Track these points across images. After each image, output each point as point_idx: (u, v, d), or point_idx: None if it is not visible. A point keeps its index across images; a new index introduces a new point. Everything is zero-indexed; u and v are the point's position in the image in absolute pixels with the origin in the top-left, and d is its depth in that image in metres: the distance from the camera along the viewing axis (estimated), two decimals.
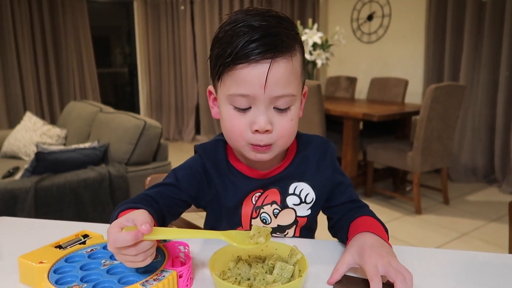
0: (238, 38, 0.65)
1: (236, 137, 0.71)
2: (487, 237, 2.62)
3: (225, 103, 0.70)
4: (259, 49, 0.64)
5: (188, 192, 0.79)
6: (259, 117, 0.68)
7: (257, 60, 0.65)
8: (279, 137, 0.71)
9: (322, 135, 3.19)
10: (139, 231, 0.55)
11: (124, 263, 0.58)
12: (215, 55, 0.70)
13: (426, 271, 0.69)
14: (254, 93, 0.66)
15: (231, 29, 0.67)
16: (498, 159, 3.59)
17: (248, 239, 0.64)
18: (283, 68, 0.67)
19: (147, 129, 2.49)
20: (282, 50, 0.66)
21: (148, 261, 0.58)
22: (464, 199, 3.34)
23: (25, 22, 4.42)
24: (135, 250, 0.55)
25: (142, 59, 5.68)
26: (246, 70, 0.65)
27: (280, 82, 0.67)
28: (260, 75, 0.65)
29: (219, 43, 0.69)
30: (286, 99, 0.69)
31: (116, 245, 0.55)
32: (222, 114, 0.73)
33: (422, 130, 2.85)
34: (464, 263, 0.72)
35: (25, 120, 3.26)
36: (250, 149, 0.72)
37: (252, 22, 0.66)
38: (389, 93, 3.96)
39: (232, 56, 0.65)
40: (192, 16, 5.51)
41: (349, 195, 0.85)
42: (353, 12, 4.88)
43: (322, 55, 3.74)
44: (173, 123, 5.79)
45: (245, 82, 0.66)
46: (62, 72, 4.81)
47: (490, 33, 3.54)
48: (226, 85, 0.69)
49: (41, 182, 2.11)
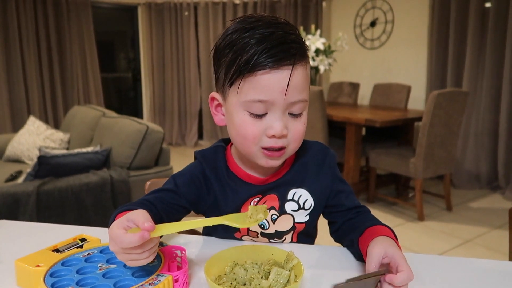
0: (254, 45, 0.66)
1: (249, 143, 0.71)
2: (491, 244, 2.60)
3: (239, 109, 0.70)
4: (279, 55, 0.65)
5: (187, 198, 0.79)
6: (276, 123, 0.69)
7: (278, 66, 0.66)
8: (293, 141, 0.72)
9: (324, 140, 3.22)
10: (144, 231, 0.55)
11: (127, 262, 0.58)
12: (226, 62, 0.70)
13: (428, 278, 0.69)
14: (274, 99, 0.67)
15: (241, 37, 0.67)
16: (502, 166, 3.57)
17: (247, 219, 0.66)
18: (301, 75, 0.69)
19: (149, 134, 2.50)
20: (300, 57, 0.68)
21: (151, 258, 0.59)
22: (467, 206, 3.32)
23: (30, 26, 4.47)
24: (141, 249, 0.56)
25: (146, 64, 5.72)
26: (267, 76, 0.66)
27: (298, 88, 0.68)
28: (281, 81, 0.66)
29: (229, 50, 0.69)
30: (301, 104, 0.70)
31: (123, 246, 0.55)
32: (234, 120, 0.72)
33: (425, 136, 2.84)
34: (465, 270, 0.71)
35: (28, 124, 3.28)
36: (262, 155, 0.72)
37: (263, 29, 0.67)
38: (392, 99, 3.95)
39: (252, 63, 0.65)
40: (196, 22, 5.55)
41: (352, 201, 0.85)
42: (356, 18, 4.89)
43: (325, 61, 3.75)
44: (176, 128, 5.80)
45: (266, 88, 0.66)
46: (66, 77, 4.85)
47: (493, 39, 3.53)
48: (243, 92, 0.68)
49: (43, 186, 2.12)
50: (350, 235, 0.77)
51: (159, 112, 5.83)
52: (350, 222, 0.82)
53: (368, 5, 4.74)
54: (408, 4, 4.31)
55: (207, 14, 5.45)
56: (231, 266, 0.65)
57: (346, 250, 0.79)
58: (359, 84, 4.43)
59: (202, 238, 0.84)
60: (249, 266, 0.65)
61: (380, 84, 4.19)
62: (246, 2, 5.37)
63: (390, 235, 0.71)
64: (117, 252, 0.57)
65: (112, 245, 0.57)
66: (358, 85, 4.41)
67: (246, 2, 5.37)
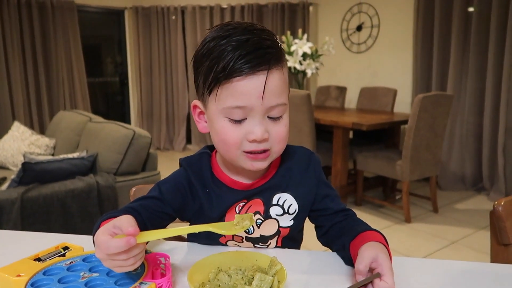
0: (230, 52, 0.67)
1: (231, 148, 0.72)
2: (476, 245, 2.64)
3: (219, 116, 0.71)
4: (254, 61, 0.67)
5: (172, 205, 0.79)
6: (256, 127, 0.70)
7: (253, 72, 0.67)
8: (276, 143, 0.73)
9: (312, 144, 3.24)
10: (131, 237, 0.55)
11: (113, 268, 0.58)
12: (204, 71, 0.71)
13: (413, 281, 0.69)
14: (251, 104, 0.68)
15: (218, 45, 0.68)
16: (486, 168, 3.64)
17: (234, 227, 0.66)
18: (277, 79, 0.70)
19: (136, 139, 2.48)
20: (275, 62, 0.70)
21: (137, 264, 0.59)
22: (453, 207, 3.37)
23: (14, 30, 4.41)
24: (126, 255, 0.56)
25: (133, 68, 5.68)
26: (243, 82, 0.67)
27: (275, 92, 0.69)
28: (258, 87, 0.67)
29: (206, 58, 0.70)
30: (280, 108, 0.71)
31: (108, 252, 0.55)
32: (215, 127, 0.73)
33: (411, 139, 2.88)
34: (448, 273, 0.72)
35: (13, 130, 3.23)
36: (246, 158, 0.73)
37: (239, 36, 0.68)
38: (378, 103, 3.99)
39: (228, 70, 0.67)
40: (183, 26, 5.54)
41: (338, 204, 0.86)
42: (343, 23, 4.94)
43: (312, 65, 3.78)
44: (164, 133, 5.77)
45: (243, 94, 0.67)
46: (52, 81, 4.79)
47: (476, 43, 3.60)
48: (221, 99, 0.69)
49: (27, 193, 2.09)
50: (341, 239, 0.77)
51: (146, 116, 5.79)
52: (338, 225, 0.83)
53: (354, 9, 4.79)
54: (394, 9, 4.37)
55: (194, 18, 5.45)
56: (215, 273, 0.65)
57: (331, 254, 0.80)
58: (346, 87, 4.47)
59: (187, 245, 0.84)
60: (233, 272, 0.65)
61: (367, 87, 4.23)
62: (233, 6, 5.38)
63: (383, 241, 0.72)
64: (103, 259, 0.57)
65: (98, 252, 0.57)
66: (345, 89, 4.44)
67: (233, 6, 5.38)
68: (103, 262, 0.58)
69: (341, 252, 0.78)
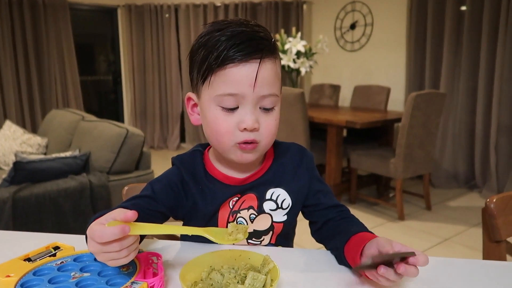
0: (224, 42, 0.69)
1: (223, 138, 0.73)
2: (469, 242, 2.66)
3: (212, 104, 0.72)
4: (247, 49, 0.68)
5: (165, 204, 0.79)
6: (247, 116, 0.71)
7: (246, 60, 0.69)
8: (265, 136, 0.74)
9: (306, 142, 3.24)
10: (125, 225, 0.55)
11: (107, 262, 0.57)
12: (199, 60, 0.73)
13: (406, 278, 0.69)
14: (243, 92, 0.69)
15: (213, 36, 0.70)
16: (478, 165, 3.66)
17: (227, 236, 0.67)
18: (270, 69, 0.71)
19: (130, 138, 2.47)
20: (268, 52, 0.71)
21: (131, 257, 0.58)
22: (446, 205, 3.39)
23: (5, 28, 4.36)
24: (119, 245, 0.56)
25: (126, 66, 5.65)
26: (236, 70, 0.69)
27: (267, 82, 0.71)
28: (250, 74, 0.69)
29: (202, 49, 0.72)
30: (271, 98, 0.72)
31: (103, 240, 0.54)
32: (207, 116, 0.74)
33: (404, 137, 2.89)
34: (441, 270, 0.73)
35: (4, 129, 3.20)
36: (237, 150, 0.73)
37: (234, 28, 0.70)
38: (372, 101, 4.01)
39: (221, 57, 0.68)
40: (176, 24, 5.51)
41: (331, 200, 0.86)
42: (336, 21, 4.95)
43: (306, 63, 3.78)
44: (158, 131, 5.75)
45: (235, 81, 0.69)
46: (44, 80, 4.75)
47: (469, 42, 3.62)
48: (214, 86, 0.71)
49: (19, 192, 2.07)
50: (335, 240, 0.77)
51: (140, 115, 5.76)
52: (332, 222, 0.83)
53: (348, 8, 4.80)
54: (387, 7, 4.38)
55: (188, 16, 5.42)
56: (208, 272, 0.65)
57: (324, 253, 0.80)
58: (340, 86, 4.48)
59: (180, 243, 0.83)
60: (226, 271, 0.65)
61: (360, 86, 4.24)
62: (227, 4, 5.37)
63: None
64: (96, 252, 0.57)
65: (92, 244, 0.57)
66: (339, 87, 4.45)
67: (227, 4, 5.37)
68: (96, 256, 0.57)
69: (334, 252, 0.77)
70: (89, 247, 0.57)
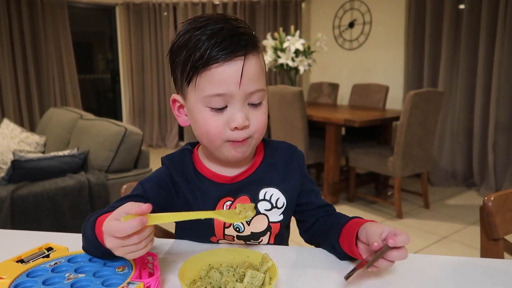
0: (206, 41, 0.67)
1: (213, 138, 0.72)
2: (467, 240, 2.67)
3: (199, 105, 0.71)
4: (230, 47, 0.67)
5: (156, 203, 0.78)
6: (237, 114, 0.70)
7: (231, 58, 0.67)
8: (256, 131, 0.74)
9: (304, 140, 3.24)
10: (143, 216, 0.56)
11: (126, 255, 0.58)
12: (181, 62, 0.71)
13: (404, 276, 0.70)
14: (231, 91, 0.68)
15: (193, 35, 0.69)
16: (476, 163, 3.67)
17: (236, 216, 0.67)
18: (254, 64, 0.70)
19: (128, 136, 2.46)
20: (251, 48, 0.70)
21: (149, 247, 0.59)
22: (444, 203, 3.40)
23: (3, 26, 4.35)
24: (138, 238, 0.57)
25: (124, 65, 5.63)
26: (221, 69, 0.68)
27: (253, 78, 0.70)
28: (235, 73, 0.68)
29: (183, 49, 0.70)
30: (259, 94, 0.72)
31: (125, 234, 0.55)
32: (196, 118, 0.73)
33: (402, 135, 2.89)
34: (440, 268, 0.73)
35: (2, 127, 3.19)
36: (230, 146, 0.73)
37: (213, 25, 0.68)
38: (370, 99, 4.01)
39: (205, 58, 0.67)
40: (175, 22, 5.50)
41: (321, 200, 0.87)
42: (335, 20, 4.94)
43: (305, 62, 3.77)
44: (156, 130, 5.74)
45: (221, 81, 0.68)
46: (42, 78, 4.74)
47: (467, 40, 3.62)
48: (200, 88, 0.69)
49: (17, 191, 2.06)
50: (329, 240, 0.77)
51: (138, 113, 5.76)
52: (321, 222, 0.83)
53: (346, 6, 4.79)
54: (385, 6, 4.38)
55: (186, 15, 5.41)
56: (206, 270, 0.65)
57: (322, 250, 0.80)
58: (339, 84, 4.47)
59: (176, 242, 0.83)
60: (225, 270, 0.65)
61: (359, 84, 4.24)
62: (226, 3, 5.36)
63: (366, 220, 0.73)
64: (115, 247, 0.57)
65: (110, 240, 0.57)
66: (337, 86, 4.45)
67: (226, 2, 5.36)
68: (114, 251, 0.58)
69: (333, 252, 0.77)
70: (107, 243, 0.58)
